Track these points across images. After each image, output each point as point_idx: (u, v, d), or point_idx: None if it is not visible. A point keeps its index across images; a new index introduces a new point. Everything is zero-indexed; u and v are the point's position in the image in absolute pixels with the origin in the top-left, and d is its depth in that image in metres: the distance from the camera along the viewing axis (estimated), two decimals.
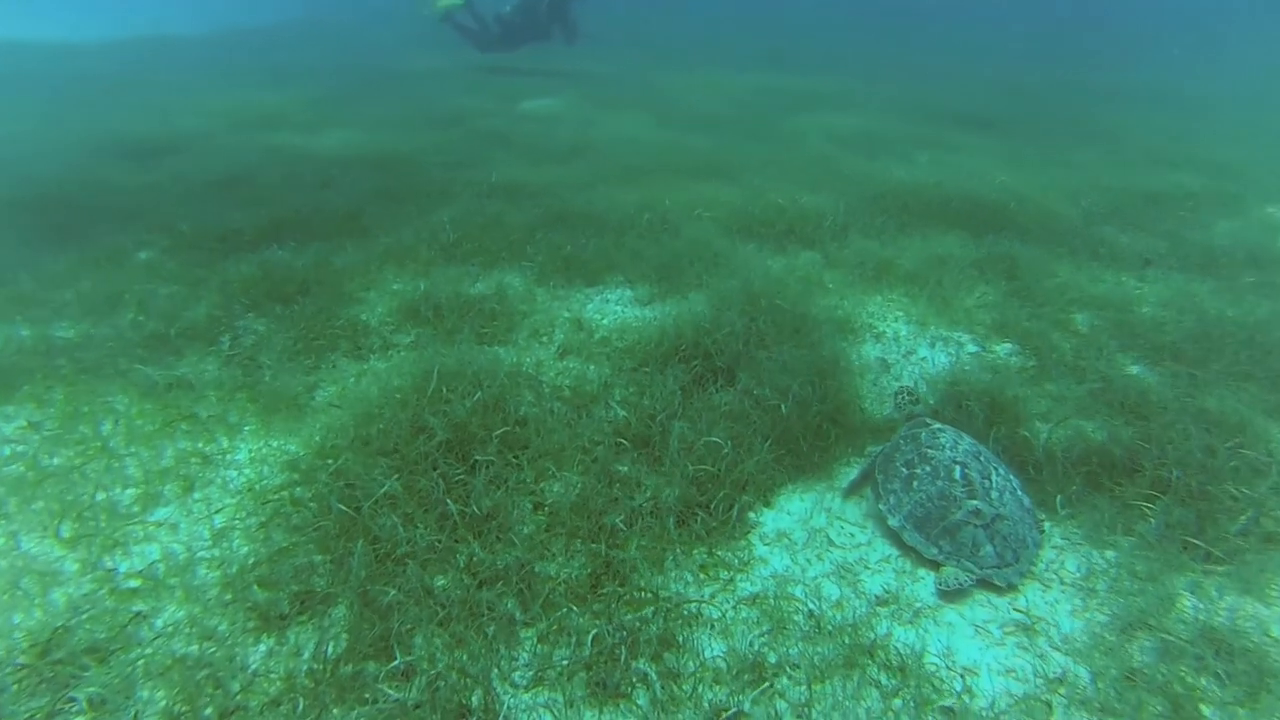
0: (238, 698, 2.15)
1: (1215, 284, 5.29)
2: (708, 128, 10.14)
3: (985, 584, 2.62)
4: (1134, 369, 4.12)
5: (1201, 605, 2.53)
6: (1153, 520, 2.83)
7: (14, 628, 2.32)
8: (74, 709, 2.08)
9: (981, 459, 2.91)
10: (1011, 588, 2.61)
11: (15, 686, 2.11)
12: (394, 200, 6.63)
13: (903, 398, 3.39)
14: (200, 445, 3.34)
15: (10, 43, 14.97)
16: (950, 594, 2.57)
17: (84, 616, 2.37)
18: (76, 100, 11.95)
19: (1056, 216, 6.45)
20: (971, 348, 4.32)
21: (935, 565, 2.69)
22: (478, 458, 3.04)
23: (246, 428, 3.52)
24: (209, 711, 2.09)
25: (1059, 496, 3.00)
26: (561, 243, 5.33)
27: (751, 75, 14.15)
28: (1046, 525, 2.90)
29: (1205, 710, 2.14)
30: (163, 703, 2.13)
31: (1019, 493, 2.87)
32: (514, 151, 8.51)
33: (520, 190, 6.76)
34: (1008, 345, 4.35)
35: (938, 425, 3.09)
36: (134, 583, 2.56)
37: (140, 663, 2.23)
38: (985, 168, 7.98)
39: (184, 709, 2.10)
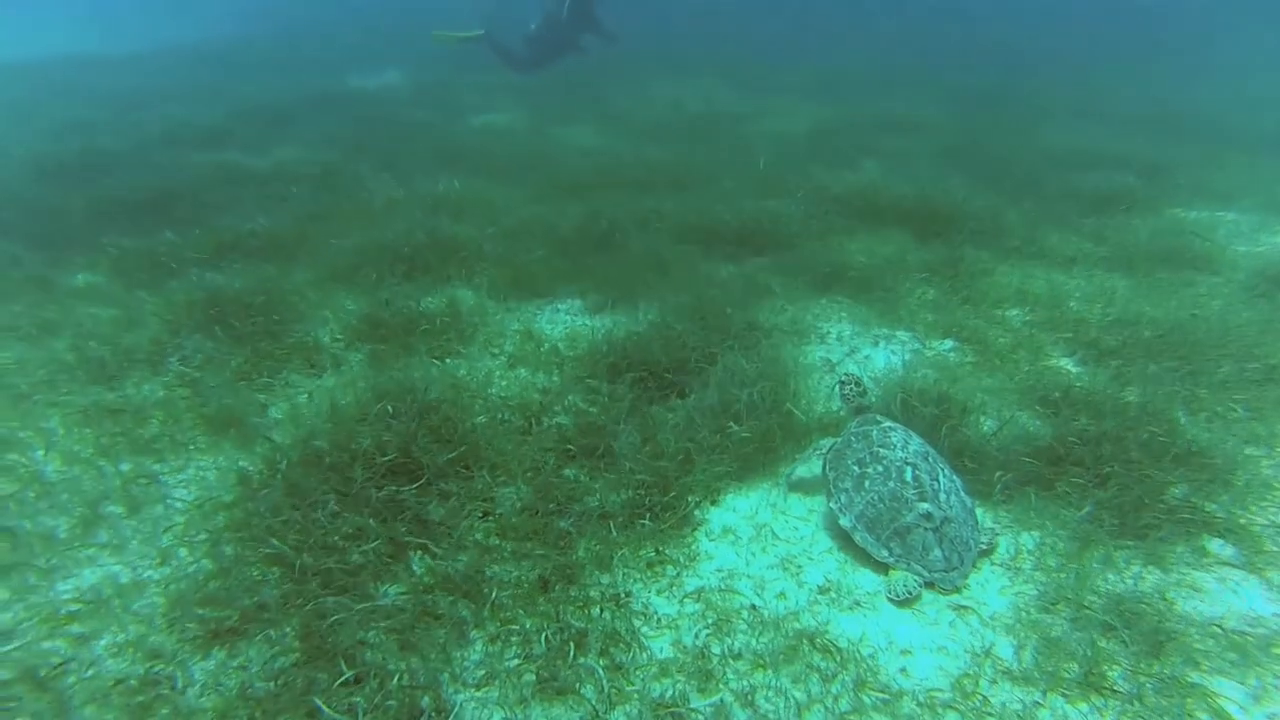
0: (187, 713, 2.14)
1: (1133, 281, 5.59)
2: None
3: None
4: (1063, 362, 4.34)
5: (1112, 577, 2.69)
6: (1086, 507, 2.97)
7: None
8: None
9: (929, 459, 2.97)
10: (956, 591, 2.67)
11: None
12: (342, 217, 6.59)
13: (849, 388, 3.38)
14: (149, 464, 3.30)
15: None
16: (902, 602, 2.60)
17: (16, 644, 2.33)
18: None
19: (997, 218, 6.73)
20: (913, 345, 4.50)
21: (884, 567, 2.75)
22: (428, 468, 3.07)
23: (194, 445, 3.48)
24: None
25: (997, 482, 3.13)
26: (512, 255, 5.38)
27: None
28: (995, 530, 2.97)
29: (1112, 671, 2.29)
30: None
31: (962, 494, 2.93)
32: (466, 165, 8.52)
33: (473, 203, 6.79)
34: (948, 342, 4.54)
35: (888, 423, 3.14)
36: (73, 606, 2.51)
37: (77, 687, 2.20)
38: (934, 171, 8.29)
39: None
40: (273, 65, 17.28)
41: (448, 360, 4.15)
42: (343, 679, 2.24)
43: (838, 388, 3.48)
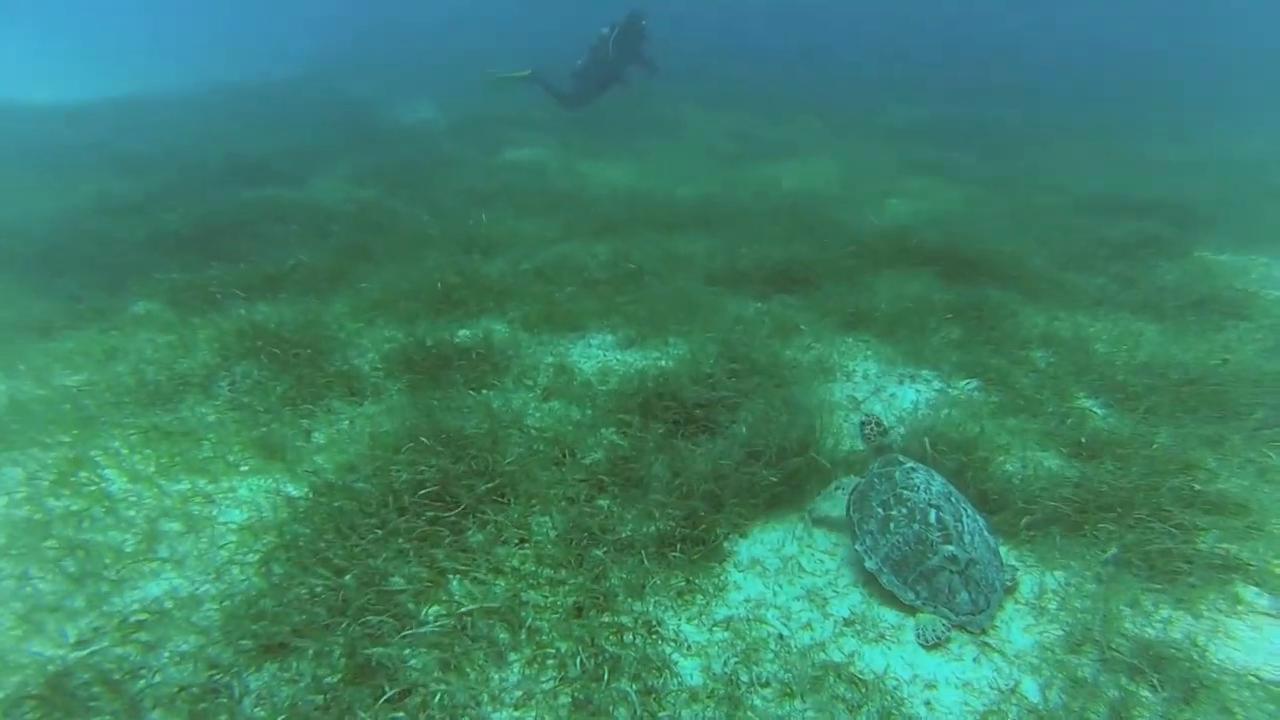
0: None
1: (1161, 325, 5.61)
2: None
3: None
4: (1088, 403, 4.38)
5: (1140, 620, 2.72)
6: (1112, 549, 3.01)
7: (29, 661, 2.43)
8: None
9: (952, 500, 3.01)
10: (983, 633, 2.69)
11: (29, 717, 2.23)
12: (380, 251, 6.87)
13: (870, 429, 3.46)
14: (203, 485, 3.49)
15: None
16: (932, 646, 2.63)
17: (92, 649, 2.49)
18: (60, 161, 12.17)
19: (1023, 260, 6.80)
20: (937, 384, 4.57)
21: (910, 609, 2.79)
22: (465, 498, 3.21)
23: (245, 467, 3.67)
24: None
25: (1023, 527, 3.18)
26: (544, 290, 5.59)
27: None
28: (1017, 569, 3.02)
29: (1142, 717, 2.32)
30: None
31: (986, 534, 2.98)
32: (498, 201, 8.83)
33: (505, 239, 7.04)
34: (972, 382, 4.61)
35: (910, 464, 3.20)
36: (140, 616, 2.68)
37: (147, 691, 2.35)
38: (958, 214, 8.41)
39: None
40: (312, 102, 18.04)
41: (484, 391, 4.31)
42: (386, 696, 2.36)
43: (859, 428, 3.56)
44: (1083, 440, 3.78)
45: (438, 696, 2.36)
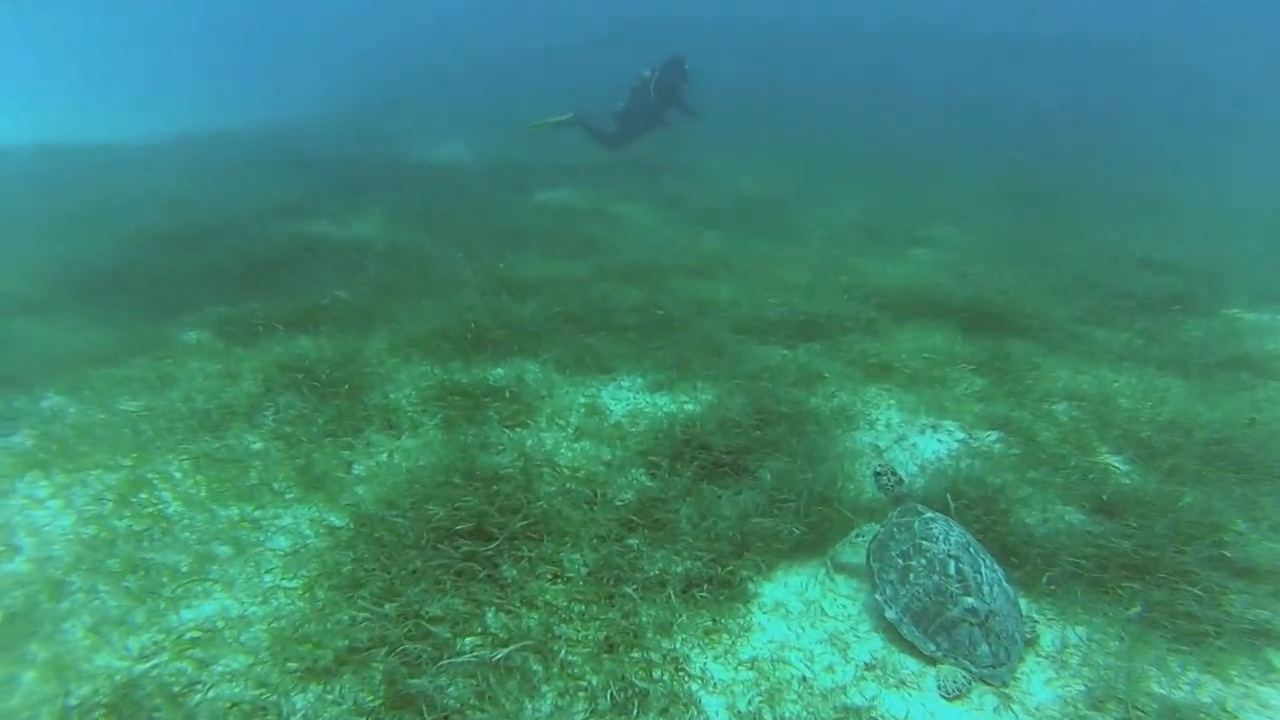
0: None
1: (1187, 383, 5.63)
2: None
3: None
4: (1112, 459, 4.42)
5: (1166, 681, 2.75)
6: (1136, 607, 3.05)
7: (99, 671, 2.59)
8: None
9: (971, 550, 3.07)
10: (1004, 686, 2.74)
11: None
12: (414, 290, 7.12)
13: (885, 479, 3.56)
14: (250, 511, 3.67)
15: (54, 146, 16.25)
16: (954, 699, 2.67)
17: (153, 663, 2.65)
18: (113, 198, 12.79)
19: (1046, 313, 6.88)
20: (959, 435, 4.65)
21: (930, 660, 2.84)
22: (499, 534, 3.35)
23: (289, 495, 3.85)
24: None
25: (1044, 582, 3.23)
26: (575, 334, 5.78)
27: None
28: (1036, 620, 3.08)
29: None
30: None
31: (1005, 584, 3.03)
32: (530, 243, 9.12)
33: (536, 282, 7.29)
34: (993, 434, 4.68)
35: (929, 514, 3.27)
36: (194, 634, 2.83)
37: (202, 706, 2.49)
38: (980, 266, 8.52)
39: None
40: (346, 139, 18.81)
41: (517, 430, 4.48)
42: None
43: (874, 478, 3.65)
44: (1105, 497, 3.82)
45: None
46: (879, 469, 3.64)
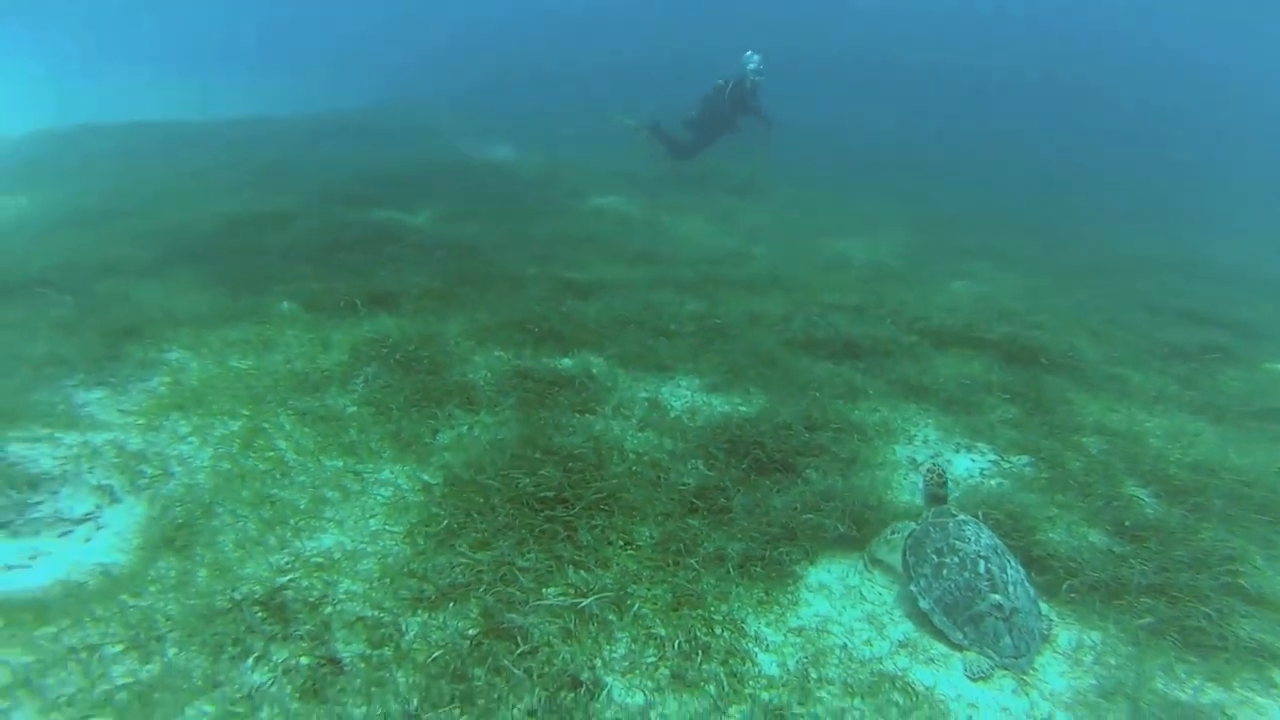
0: (406, 648, 2.84)
1: (1220, 429, 5.86)
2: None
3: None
4: (1138, 491, 4.70)
5: (1173, 685, 3.07)
6: (1148, 618, 3.37)
7: (249, 576, 3.07)
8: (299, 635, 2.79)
9: (999, 553, 3.43)
10: (1023, 674, 3.09)
11: (261, 617, 2.84)
12: (483, 281, 7.62)
13: (932, 476, 3.88)
14: (352, 464, 4.14)
15: (138, 123, 17.21)
16: (979, 680, 3.04)
17: (290, 577, 3.11)
18: (207, 172, 13.61)
19: (1078, 353, 7.13)
20: (991, 456, 4.98)
21: (958, 647, 3.21)
22: (576, 503, 3.77)
23: (384, 454, 4.31)
24: (388, 653, 2.79)
25: (1065, 585, 3.57)
26: (637, 335, 6.21)
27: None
28: (1054, 620, 3.42)
29: None
30: (354, 644, 2.83)
31: (1027, 585, 3.38)
32: (589, 247, 9.60)
33: (597, 284, 7.74)
34: (1024, 458, 5.00)
35: (962, 516, 3.63)
36: (318, 559, 3.30)
37: (333, 617, 2.95)
38: (1018, 302, 8.78)
39: (372, 650, 2.80)
40: (409, 131, 19.57)
41: (586, 415, 4.91)
42: (520, 651, 2.90)
43: (925, 473, 3.98)
44: (1127, 523, 4.12)
45: (560, 656, 2.89)
46: (930, 467, 3.96)
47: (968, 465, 4.86)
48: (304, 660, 2.78)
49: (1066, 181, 21.08)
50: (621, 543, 3.59)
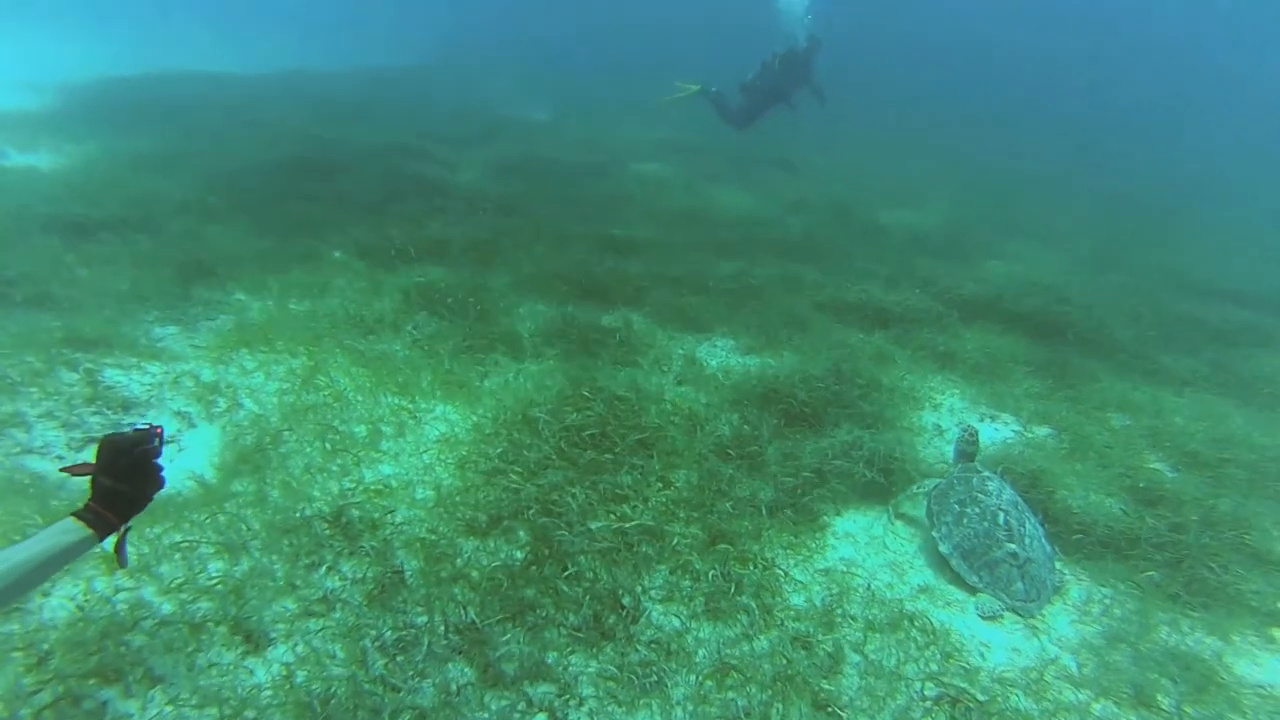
0: (462, 569, 3.11)
1: (1249, 411, 5.90)
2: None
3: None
4: (1158, 465, 4.82)
5: (1175, 636, 3.25)
6: (1155, 573, 3.55)
7: (318, 496, 3.36)
8: (364, 551, 3.08)
9: (1019, 508, 3.62)
10: (1031, 618, 3.31)
11: (329, 533, 3.13)
12: (528, 236, 7.81)
13: (965, 434, 4.07)
14: (405, 402, 4.40)
15: (189, 73, 17.40)
16: (989, 619, 3.27)
17: (355, 500, 3.40)
18: (256, 122, 13.82)
19: (1110, 331, 7.15)
20: (1015, 425, 5.11)
21: (973, 590, 3.44)
22: (619, 444, 4.00)
23: (436, 394, 4.57)
24: (444, 573, 3.06)
25: (1074, 537, 3.75)
26: (675, 294, 6.38)
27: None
28: (1066, 575, 3.62)
29: (1160, 698, 2.88)
30: (414, 561, 3.11)
31: (1043, 540, 3.57)
32: (630, 210, 9.71)
33: (638, 245, 7.89)
34: (1046, 429, 5.12)
35: (986, 473, 3.82)
36: (377, 486, 3.57)
37: (394, 537, 3.23)
38: (1053, 280, 8.76)
39: (428, 567, 3.08)
40: (448, 90, 19.62)
41: (627, 368, 5.12)
42: (566, 573, 3.15)
43: (958, 432, 4.15)
44: (1141, 485, 4.26)
45: (602, 580, 3.14)
46: (965, 427, 4.13)
47: (991, 434, 5.00)
48: (370, 572, 3.07)
49: (1126, 148, 20.59)
50: (660, 484, 3.82)
